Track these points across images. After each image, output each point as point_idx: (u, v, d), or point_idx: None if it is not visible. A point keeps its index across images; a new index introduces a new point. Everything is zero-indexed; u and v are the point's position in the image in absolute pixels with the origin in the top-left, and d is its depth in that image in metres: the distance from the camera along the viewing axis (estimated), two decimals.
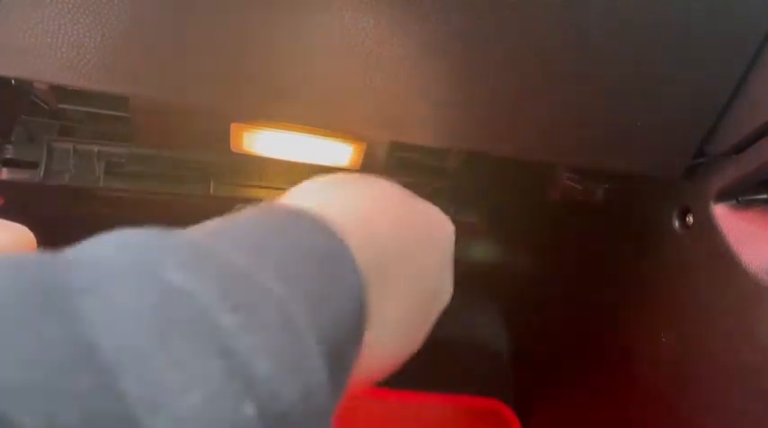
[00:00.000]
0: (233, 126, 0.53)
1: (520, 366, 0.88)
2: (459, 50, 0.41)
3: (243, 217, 0.22)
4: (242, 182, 0.63)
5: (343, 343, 0.20)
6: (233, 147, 0.55)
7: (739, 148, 0.46)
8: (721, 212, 0.47)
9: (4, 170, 0.59)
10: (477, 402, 0.86)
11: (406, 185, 0.31)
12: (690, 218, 0.51)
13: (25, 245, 0.27)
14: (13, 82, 0.52)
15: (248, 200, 0.62)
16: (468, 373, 0.81)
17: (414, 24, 0.40)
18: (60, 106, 0.54)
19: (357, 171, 0.56)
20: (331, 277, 0.21)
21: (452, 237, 0.32)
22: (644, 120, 0.45)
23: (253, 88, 0.43)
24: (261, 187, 0.63)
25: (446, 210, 0.60)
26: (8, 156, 0.57)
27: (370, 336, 0.22)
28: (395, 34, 0.40)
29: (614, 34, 0.41)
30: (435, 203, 0.32)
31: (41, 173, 0.60)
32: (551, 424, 0.79)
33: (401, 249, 0.27)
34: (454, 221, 0.31)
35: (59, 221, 0.68)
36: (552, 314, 0.78)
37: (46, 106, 0.56)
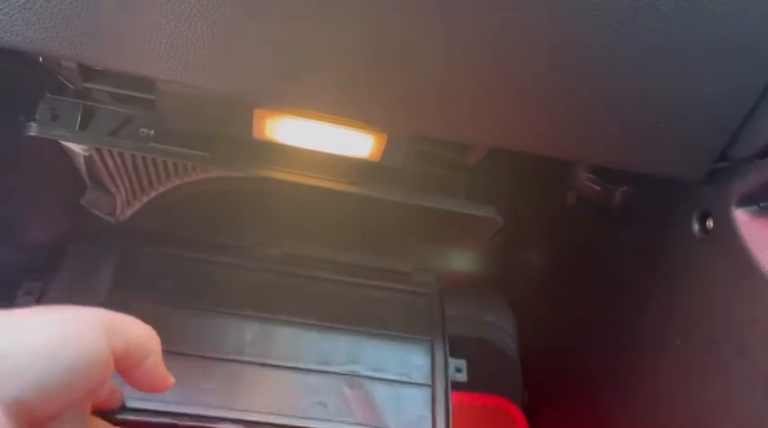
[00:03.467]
0: (256, 112, 0.53)
1: (528, 364, 0.88)
2: (484, 46, 0.41)
3: None
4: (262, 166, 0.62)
5: None
6: (255, 134, 0.55)
7: (763, 154, 0.46)
8: (742, 218, 0.47)
9: None
10: (484, 399, 0.86)
11: (425, 178, 0.30)
12: (710, 223, 0.50)
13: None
14: (41, 59, 0.53)
15: (264, 183, 0.62)
16: (476, 370, 0.82)
17: (439, 19, 0.40)
18: (86, 86, 0.55)
19: (377, 161, 0.56)
20: None
21: None
22: (668, 122, 0.45)
23: (277, 75, 0.43)
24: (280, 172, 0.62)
25: (462, 205, 0.60)
26: (32, 134, 0.57)
27: None
28: (421, 28, 0.41)
29: (641, 34, 0.41)
30: (452, 198, 0.32)
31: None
32: (558, 422, 0.79)
33: None
34: (471, 217, 0.31)
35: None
36: (564, 313, 0.78)
37: (71, 85, 0.56)
